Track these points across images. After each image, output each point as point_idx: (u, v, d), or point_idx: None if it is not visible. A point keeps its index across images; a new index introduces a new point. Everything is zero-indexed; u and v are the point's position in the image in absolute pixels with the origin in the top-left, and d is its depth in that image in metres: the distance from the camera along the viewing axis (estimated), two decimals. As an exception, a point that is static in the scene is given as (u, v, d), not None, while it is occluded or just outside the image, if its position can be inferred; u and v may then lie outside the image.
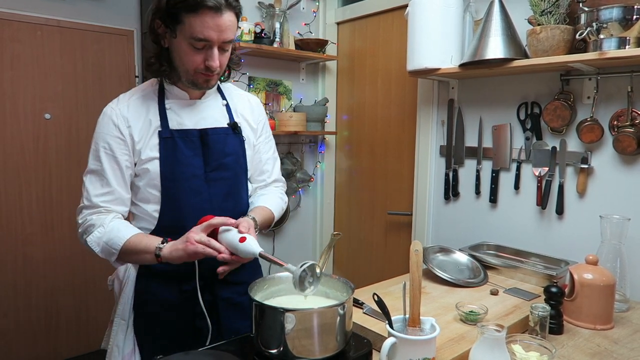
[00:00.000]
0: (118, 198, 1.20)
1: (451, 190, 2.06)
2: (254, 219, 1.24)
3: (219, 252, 1.07)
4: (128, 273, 1.29)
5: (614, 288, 1.28)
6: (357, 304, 1.31)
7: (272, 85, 2.51)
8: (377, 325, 1.17)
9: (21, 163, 2.57)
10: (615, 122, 1.55)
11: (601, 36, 1.41)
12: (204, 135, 1.24)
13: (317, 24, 2.68)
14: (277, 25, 2.35)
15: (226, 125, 1.28)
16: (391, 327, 0.95)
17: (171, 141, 1.20)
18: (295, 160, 2.62)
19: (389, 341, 0.91)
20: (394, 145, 2.43)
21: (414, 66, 1.83)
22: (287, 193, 2.57)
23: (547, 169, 1.72)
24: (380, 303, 0.97)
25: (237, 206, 1.31)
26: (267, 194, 1.42)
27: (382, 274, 2.45)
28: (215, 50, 1.13)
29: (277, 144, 2.59)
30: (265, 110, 2.46)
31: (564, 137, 1.68)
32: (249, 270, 1.33)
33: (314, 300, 1.08)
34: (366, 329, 1.15)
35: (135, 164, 1.21)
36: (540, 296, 1.40)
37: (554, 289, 1.24)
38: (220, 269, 1.11)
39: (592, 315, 1.26)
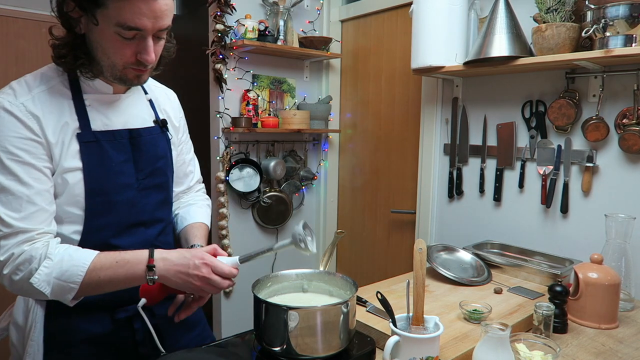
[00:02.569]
0: (45, 214, 0.93)
1: (455, 189, 2.05)
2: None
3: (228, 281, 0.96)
4: (34, 314, 1.01)
5: (619, 287, 1.27)
6: (361, 302, 1.30)
7: (276, 83, 2.50)
8: (380, 324, 1.17)
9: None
10: (621, 121, 1.54)
11: (607, 34, 1.39)
12: (134, 137, 1.04)
13: (321, 22, 2.67)
14: (281, 23, 2.35)
15: (153, 124, 1.10)
16: (395, 325, 0.95)
17: (96, 146, 0.97)
18: (299, 158, 2.62)
19: (393, 339, 0.91)
20: (398, 143, 2.43)
21: (418, 64, 1.83)
22: (291, 191, 2.60)
23: (551, 167, 1.71)
24: (383, 301, 0.97)
25: (169, 215, 1.17)
26: (195, 203, 1.27)
27: (385, 272, 2.45)
28: (150, 41, 0.93)
29: (280, 141, 2.62)
30: (269, 108, 2.47)
31: (569, 136, 1.68)
32: None
33: (317, 298, 1.08)
34: (369, 327, 1.15)
35: (53, 173, 0.96)
36: (544, 295, 1.40)
37: (558, 288, 1.24)
38: (182, 315, 1.02)
39: (596, 315, 1.26)
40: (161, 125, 1.12)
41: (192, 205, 1.27)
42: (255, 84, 2.41)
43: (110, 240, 1.01)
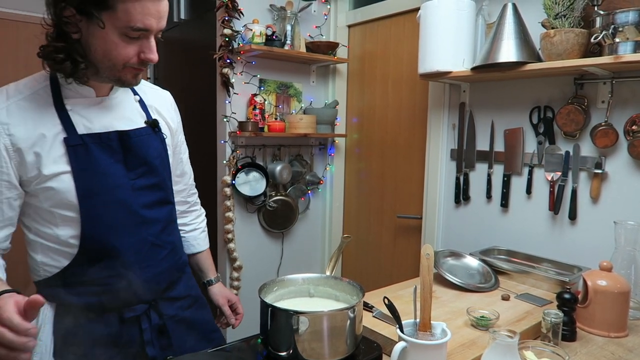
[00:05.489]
0: None
1: (462, 194, 2.04)
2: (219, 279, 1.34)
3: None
4: (43, 315, 1.04)
5: (629, 295, 1.26)
6: (367, 307, 1.30)
7: (283, 87, 2.51)
8: (387, 329, 1.16)
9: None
10: (630, 127, 1.53)
11: (617, 40, 1.39)
12: (123, 138, 1.05)
13: (328, 27, 2.68)
14: (289, 27, 2.36)
15: (144, 125, 1.11)
16: (402, 331, 0.94)
17: (83, 149, 0.99)
18: (305, 163, 2.63)
19: (400, 345, 0.90)
20: (404, 148, 2.42)
21: (426, 69, 1.83)
22: (297, 195, 2.60)
23: (559, 173, 1.70)
24: (391, 307, 0.97)
25: (170, 214, 1.18)
26: (199, 228, 1.39)
27: (391, 277, 2.44)
28: (153, 41, 0.97)
29: (286, 146, 2.63)
30: (275, 112, 2.47)
31: (578, 142, 1.66)
32: (184, 281, 1.24)
33: (323, 303, 1.08)
34: (376, 332, 1.15)
35: (22, 184, 0.98)
36: (552, 302, 1.38)
37: (567, 295, 1.22)
38: None
39: (606, 323, 1.24)
40: (152, 125, 1.12)
41: (196, 230, 1.38)
42: (262, 88, 2.41)
43: (111, 242, 1.02)
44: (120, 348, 1.07)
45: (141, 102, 1.14)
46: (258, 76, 2.39)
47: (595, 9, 1.45)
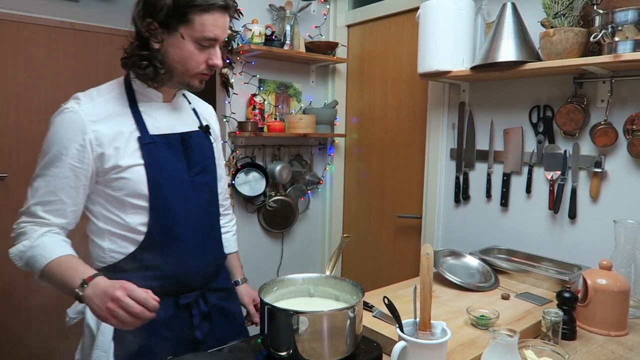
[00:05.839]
0: (61, 209, 1.08)
1: (462, 194, 2.04)
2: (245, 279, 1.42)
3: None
4: None
5: (629, 294, 1.26)
6: (367, 307, 1.30)
7: (282, 87, 2.51)
8: (387, 329, 1.16)
9: (34, 164, 2.59)
10: (629, 126, 1.53)
11: (616, 39, 1.39)
12: (185, 139, 1.20)
13: (328, 27, 2.68)
14: (288, 27, 2.36)
15: (198, 129, 1.27)
16: (402, 330, 0.94)
17: (154, 146, 1.13)
18: (305, 163, 2.63)
19: (400, 345, 0.90)
20: (404, 148, 2.42)
21: (425, 69, 1.83)
22: (296, 195, 2.60)
23: (559, 172, 1.70)
24: (390, 306, 0.97)
25: (217, 209, 1.33)
26: (230, 231, 1.49)
27: (391, 277, 2.44)
28: (218, 49, 1.13)
29: (286, 146, 2.62)
30: (275, 112, 2.48)
31: (577, 141, 1.67)
32: (224, 274, 1.37)
33: (323, 302, 1.08)
34: (376, 332, 1.15)
35: (103, 174, 1.09)
36: (552, 301, 1.38)
37: (567, 294, 1.22)
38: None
39: (606, 321, 1.24)
40: (205, 130, 1.28)
41: (228, 233, 1.47)
42: (261, 88, 2.41)
43: (174, 230, 1.14)
44: (173, 331, 1.17)
45: (194, 110, 1.31)
46: (257, 76, 2.39)
47: (595, 8, 1.45)
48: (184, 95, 1.29)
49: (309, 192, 2.69)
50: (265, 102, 2.40)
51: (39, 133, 2.58)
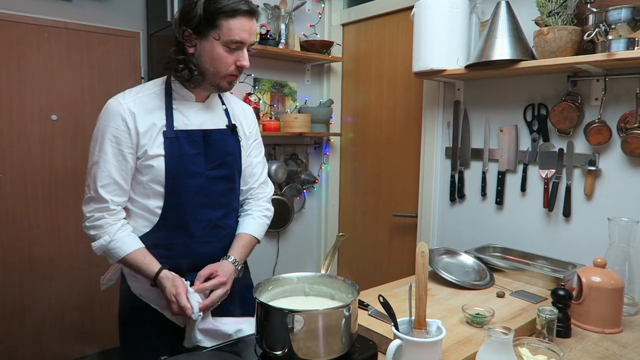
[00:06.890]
0: (120, 189, 1.25)
1: (457, 192, 2.05)
2: (235, 261, 1.34)
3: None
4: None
5: (623, 291, 1.26)
6: (362, 305, 1.30)
7: (277, 86, 2.51)
8: (382, 327, 1.16)
9: (27, 164, 2.59)
10: (623, 124, 1.54)
11: (610, 37, 1.39)
12: (207, 136, 1.31)
13: (323, 26, 2.68)
14: (283, 26, 2.35)
15: (225, 127, 1.37)
16: (397, 329, 0.94)
17: (176, 141, 1.26)
18: (300, 162, 2.62)
19: (395, 343, 0.90)
20: (399, 146, 2.43)
21: (420, 67, 1.83)
22: (292, 195, 2.59)
23: (554, 171, 1.71)
24: (386, 305, 0.97)
25: (233, 202, 1.41)
26: (252, 214, 1.47)
27: (387, 275, 2.44)
28: (246, 52, 1.25)
29: (282, 145, 2.62)
30: (270, 111, 2.47)
31: (572, 139, 1.67)
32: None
33: (319, 301, 1.08)
34: (371, 330, 1.15)
35: (138, 159, 1.25)
36: (547, 299, 1.39)
37: (561, 292, 1.23)
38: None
39: (600, 319, 1.25)
40: (231, 129, 1.38)
41: (248, 216, 1.47)
42: (256, 87, 2.41)
43: (184, 216, 1.28)
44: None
45: (226, 110, 1.41)
46: (252, 75, 2.38)
47: (588, 6, 1.46)
48: (219, 97, 1.41)
49: (304, 191, 2.69)
50: (261, 101, 2.39)
51: (32, 133, 2.58)
